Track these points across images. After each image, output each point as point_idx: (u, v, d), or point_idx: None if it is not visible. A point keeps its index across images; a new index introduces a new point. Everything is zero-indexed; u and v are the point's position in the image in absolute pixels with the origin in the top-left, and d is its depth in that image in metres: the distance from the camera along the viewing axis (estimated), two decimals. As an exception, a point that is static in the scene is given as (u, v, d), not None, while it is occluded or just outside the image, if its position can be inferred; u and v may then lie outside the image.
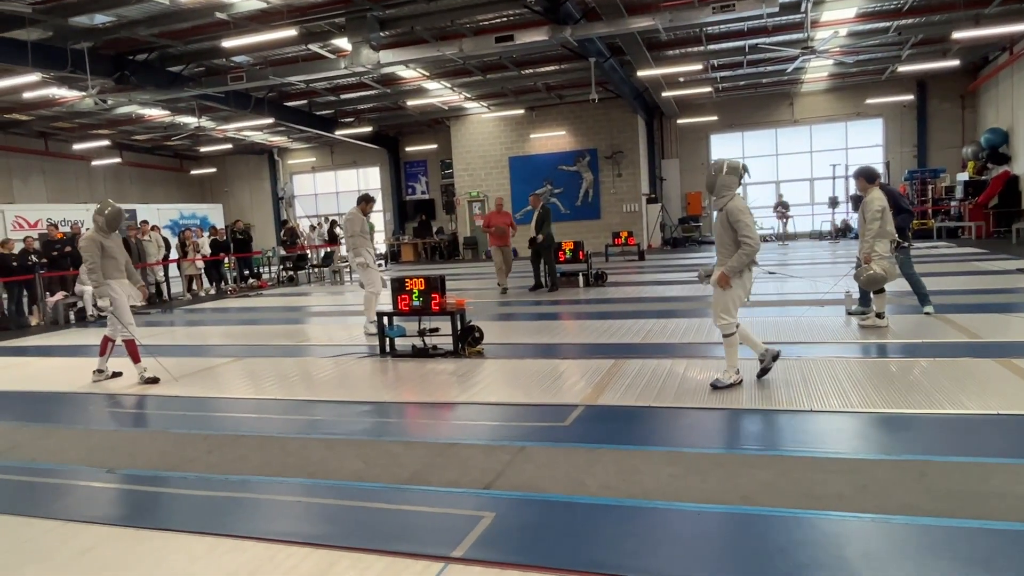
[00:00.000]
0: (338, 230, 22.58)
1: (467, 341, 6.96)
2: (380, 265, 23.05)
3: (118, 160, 24.84)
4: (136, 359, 6.57)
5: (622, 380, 5.52)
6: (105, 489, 3.95)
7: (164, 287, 15.46)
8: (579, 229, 21.27)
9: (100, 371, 6.80)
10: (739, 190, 5.00)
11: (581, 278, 12.49)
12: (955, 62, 17.86)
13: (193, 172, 28.90)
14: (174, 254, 16.44)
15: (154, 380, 6.50)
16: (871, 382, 5.07)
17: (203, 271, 16.51)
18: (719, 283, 4.98)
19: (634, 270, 15.29)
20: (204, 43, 13.81)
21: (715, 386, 5.05)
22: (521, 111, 22.13)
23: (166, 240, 16.44)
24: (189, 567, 2.92)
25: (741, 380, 5.06)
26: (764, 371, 5.17)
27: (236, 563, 2.92)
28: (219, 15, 11.90)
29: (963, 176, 19.70)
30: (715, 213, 4.99)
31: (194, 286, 16.14)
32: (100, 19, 12.13)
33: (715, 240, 5.07)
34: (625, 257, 18.08)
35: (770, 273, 12.48)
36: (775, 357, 5.11)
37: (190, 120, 20.41)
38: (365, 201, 9.15)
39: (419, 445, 4.33)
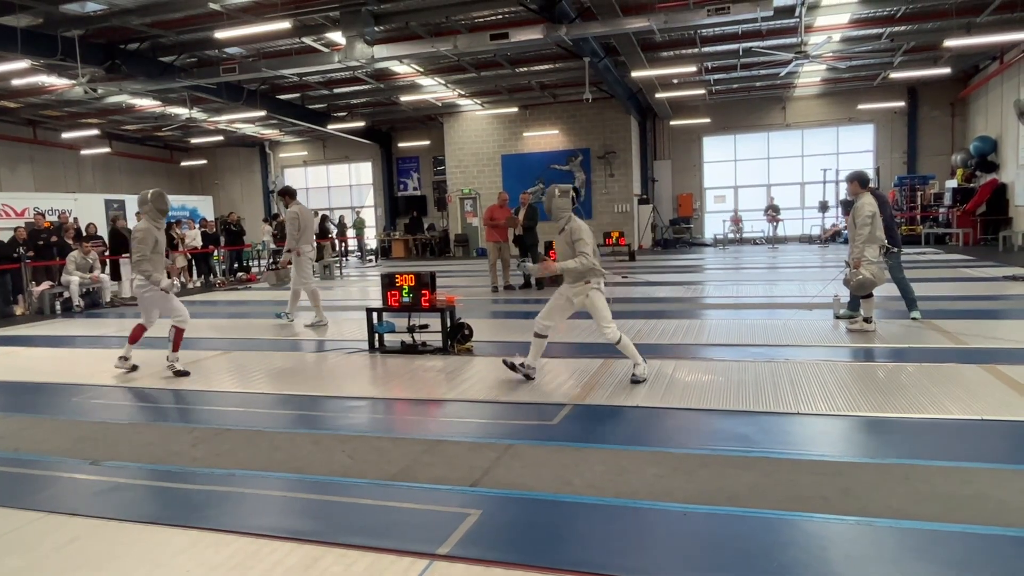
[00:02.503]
0: (330, 225, 22.54)
1: (456, 338, 6.96)
2: (370, 260, 23.14)
3: (107, 150, 24.63)
4: (176, 348, 6.44)
5: (610, 380, 5.53)
6: (89, 481, 3.92)
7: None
8: (570, 228, 21.25)
9: (125, 359, 6.63)
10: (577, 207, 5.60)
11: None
12: (946, 70, 18.00)
13: (183, 163, 28.72)
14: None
15: (184, 373, 6.36)
16: (857, 386, 5.11)
17: (190, 263, 16.41)
18: (545, 269, 5.66)
19: (625, 270, 15.32)
20: (197, 34, 13.71)
21: (635, 381, 5.34)
22: (515, 109, 22.11)
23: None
24: (172, 560, 2.90)
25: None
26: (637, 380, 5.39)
27: (220, 557, 2.90)
28: (212, 6, 11.81)
29: (952, 183, 19.88)
30: (558, 233, 5.52)
31: (183, 278, 16.03)
32: (92, 7, 12.01)
33: (559, 259, 5.52)
34: (616, 257, 18.11)
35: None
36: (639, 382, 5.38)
37: (181, 111, 20.28)
38: (288, 195, 9.25)
39: (406, 441, 4.32)
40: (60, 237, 12.98)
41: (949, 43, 14.39)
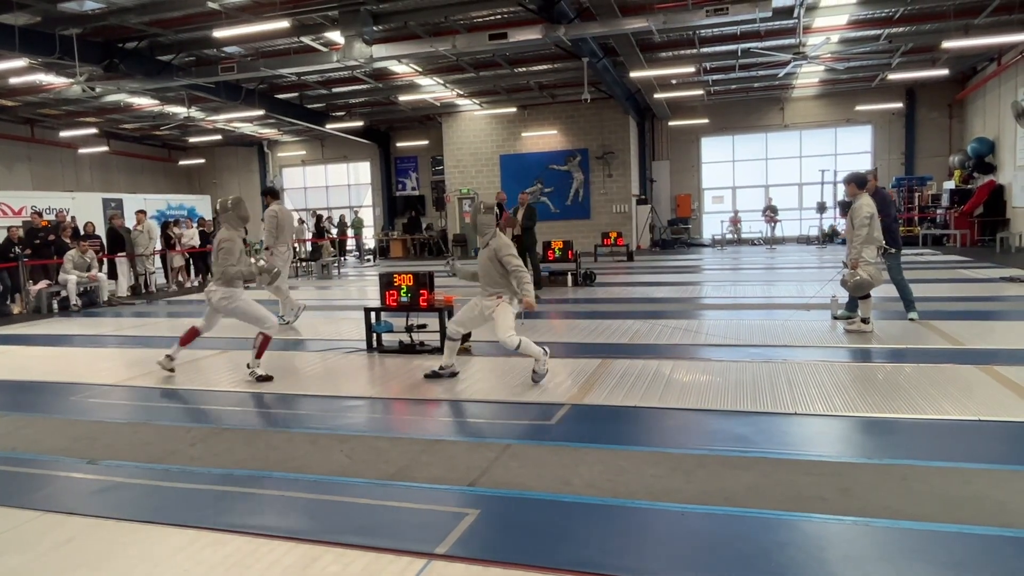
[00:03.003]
0: (327, 224, 22.53)
1: (454, 338, 6.95)
2: (368, 260, 23.11)
3: (105, 149, 24.56)
4: (260, 355, 6.08)
5: (609, 380, 5.53)
6: (86, 480, 3.91)
7: (151, 278, 15.31)
8: (569, 229, 21.30)
9: (171, 358, 6.38)
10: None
11: (570, 278, 12.51)
12: (944, 71, 18.02)
13: (181, 163, 28.66)
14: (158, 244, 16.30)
15: (268, 378, 6.02)
16: (855, 386, 5.11)
17: (188, 262, 16.38)
18: (528, 307, 5.60)
19: (623, 270, 15.33)
20: (195, 33, 13.69)
21: (536, 379, 5.42)
22: (513, 109, 22.11)
23: (164, 232, 16.28)
24: (170, 559, 2.90)
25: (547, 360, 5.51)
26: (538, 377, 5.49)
27: (218, 556, 2.90)
28: (211, 4, 11.79)
29: (949, 184, 19.91)
30: (481, 248, 5.56)
31: (180, 277, 16.01)
32: (90, 5, 11.98)
33: (480, 272, 5.60)
34: (614, 257, 18.12)
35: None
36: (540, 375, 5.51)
37: (179, 110, 20.24)
38: (271, 195, 9.35)
39: (404, 441, 4.32)
40: (58, 236, 12.95)
41: (947, 44, 14.41)
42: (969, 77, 20.15)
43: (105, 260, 13.81)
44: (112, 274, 13.85)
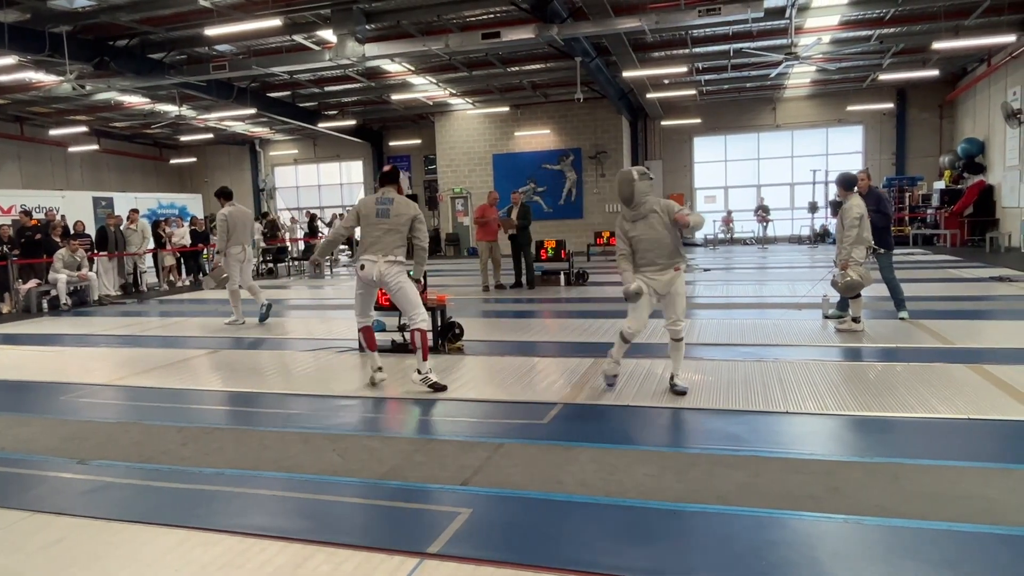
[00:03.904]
0: (320, 223, 22.45)
1: (447, 337, 6.95)
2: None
3: (95, 147, 24.42)
4: (426, 355, 5.43)
5: (601, 379, 5.51)
6: (76, 480, 3.89)
7: (139, 277, 15.23)
8: (561, 228, 21.32)
9: (380, 368, 5.78)
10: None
11: (563, 277, 12.52)
12: (934, 72, 18.12)
13: (172, 161, 28.52)
14: (151, 243, 16.22)
15: (442, 387, 5.37)
16: (846, 385, 5.14)
17: (179, 261, 16.30)
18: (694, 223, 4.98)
19: (615, 270, 15.32)
20: (186, 31, 13.61)
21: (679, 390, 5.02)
22: (506, 108, 22.09)
23: (155, 231, 16.19)
24: (160, 559, 2.88)
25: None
26: None
27: (208, 556, 2.89)
28: (202, 2, 11.72)
29: (940, 184, 20.03)
30: (639, 220, 5.02)
31: (171, 276, 15.93)
32: (80, 2, 11.91)
33: (648, 246, 5.04)
34: (607, 257, 18.13)
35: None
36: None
37: (171, 108, 20.13)
38: (223, 196, 9.31)
39: (397, 440, 4.31)
40: (47, 235, 12.86)
41: (937, 45, 14.51)
42: (959, 78, 20.27)
43: (95, 259, 13.73)
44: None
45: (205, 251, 17.05)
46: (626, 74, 16.70)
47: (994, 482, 3.33)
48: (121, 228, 14.75)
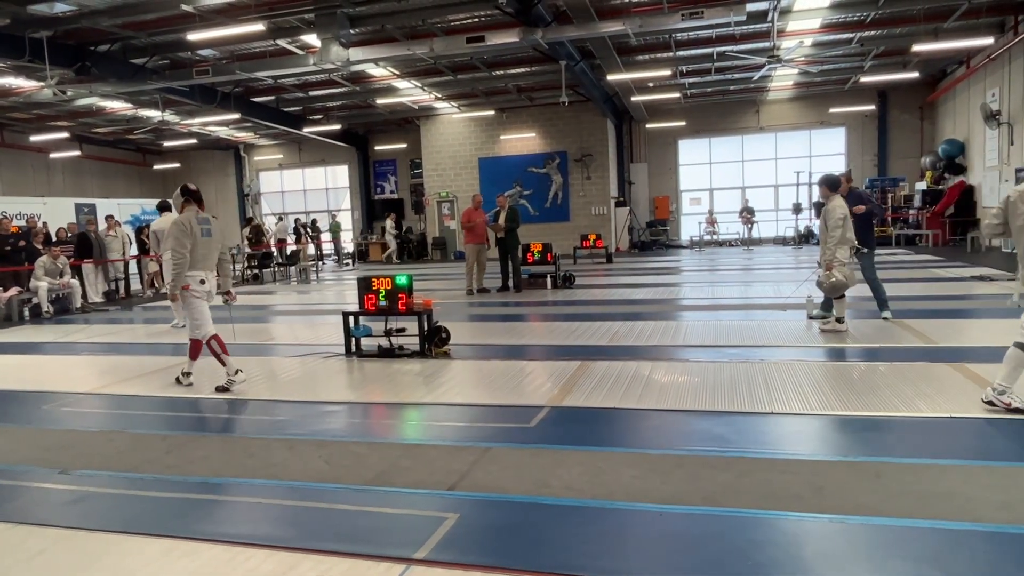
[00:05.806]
0: (300, 228, 22.35)
1: (434, 342, 6.94)
2: (347, 264, 22.97)
3: (77, 153, 24.16)
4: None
5: (588, 382, 5.55)
6: (58, 490, 3.84)
7: (123, 284, 15.09)
8: (548, 231, 21.33)
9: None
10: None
11: (549, 280, 12.53)
12: (915, 74, 18.32)
13: (156, 167, 28.28)
14: (135, 250, 16.08)
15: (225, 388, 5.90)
16: (830, 385, 5.18)
17: (162, 267, 16.16)
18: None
19: (602, 272, 15.39)
20: (169, 35, 13.52)
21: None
22: (491, 112, 22.11)
23: (139, 237, 16.03)
24: (144, 569, 2.86)
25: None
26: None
27: (193, 565, 2.86)
28: (184, 7, 11.64)
29: (921, 185, 20.26)
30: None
31: (156, 283, 15.78)
32: (61, 7, 11.79)
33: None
34: (593, 259, 18.19)
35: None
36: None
37: (154, 114, 19.96)
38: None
39: (383, 446, 4.30)
40: (28, 242, 12.72)
41: (917, 48, 14.67)
42: (939, 80, 20.52)
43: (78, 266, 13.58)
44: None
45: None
46: (611, 77, 16.77)
47: (976, 479, 3.37)
48: (100, 234, 14.60)
